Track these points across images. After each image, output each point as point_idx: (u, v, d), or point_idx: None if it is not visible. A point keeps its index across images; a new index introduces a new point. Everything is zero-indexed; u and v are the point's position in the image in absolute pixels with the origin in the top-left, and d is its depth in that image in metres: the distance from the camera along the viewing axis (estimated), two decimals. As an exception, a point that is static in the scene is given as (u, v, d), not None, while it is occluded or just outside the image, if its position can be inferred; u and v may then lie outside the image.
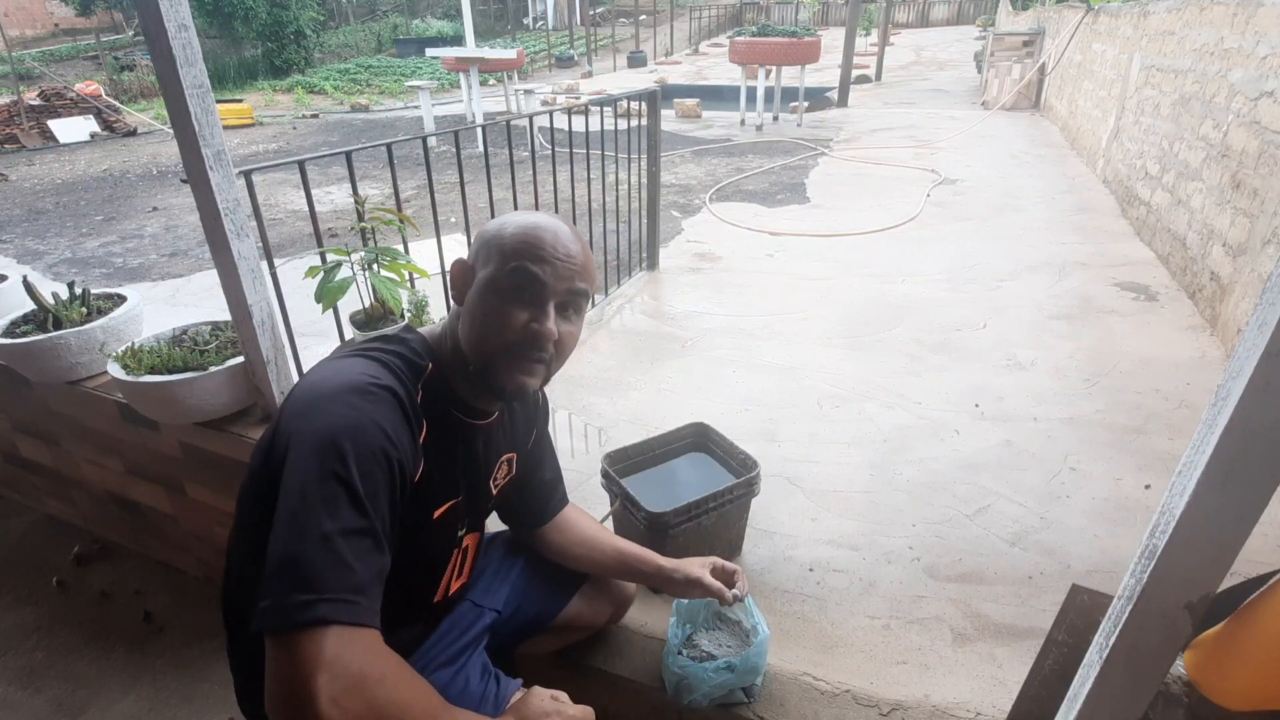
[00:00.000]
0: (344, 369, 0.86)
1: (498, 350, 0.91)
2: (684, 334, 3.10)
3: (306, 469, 0.77)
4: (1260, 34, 2.98)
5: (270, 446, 0.85)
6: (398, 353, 0.92)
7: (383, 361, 0.89)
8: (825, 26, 23.88)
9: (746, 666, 1.22)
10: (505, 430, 1.09)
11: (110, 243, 4.98)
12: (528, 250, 0.91)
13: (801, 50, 8.27)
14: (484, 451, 1.04)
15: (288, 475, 0.78)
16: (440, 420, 0.93)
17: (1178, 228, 3.59)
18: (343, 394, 0.82)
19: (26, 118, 9.18)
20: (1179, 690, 0.92)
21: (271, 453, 0.84)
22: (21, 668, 1.79)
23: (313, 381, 0.86)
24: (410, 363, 0.92)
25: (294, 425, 0.81)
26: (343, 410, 0.80)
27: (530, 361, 0.92)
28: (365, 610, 0.74)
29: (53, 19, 20.99)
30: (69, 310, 1.84)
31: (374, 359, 0.89)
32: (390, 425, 0.82)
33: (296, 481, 0.77)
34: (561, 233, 0.94)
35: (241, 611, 0.97)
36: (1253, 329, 0.57)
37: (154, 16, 1.21)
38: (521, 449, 1.16)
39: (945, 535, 1.86)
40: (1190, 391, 2.51)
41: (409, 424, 0.86)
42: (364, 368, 0.87)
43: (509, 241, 0.92)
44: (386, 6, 24.37)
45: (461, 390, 0.97)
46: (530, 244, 0.91)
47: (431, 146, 7.05)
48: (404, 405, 0.86)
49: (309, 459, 0.77)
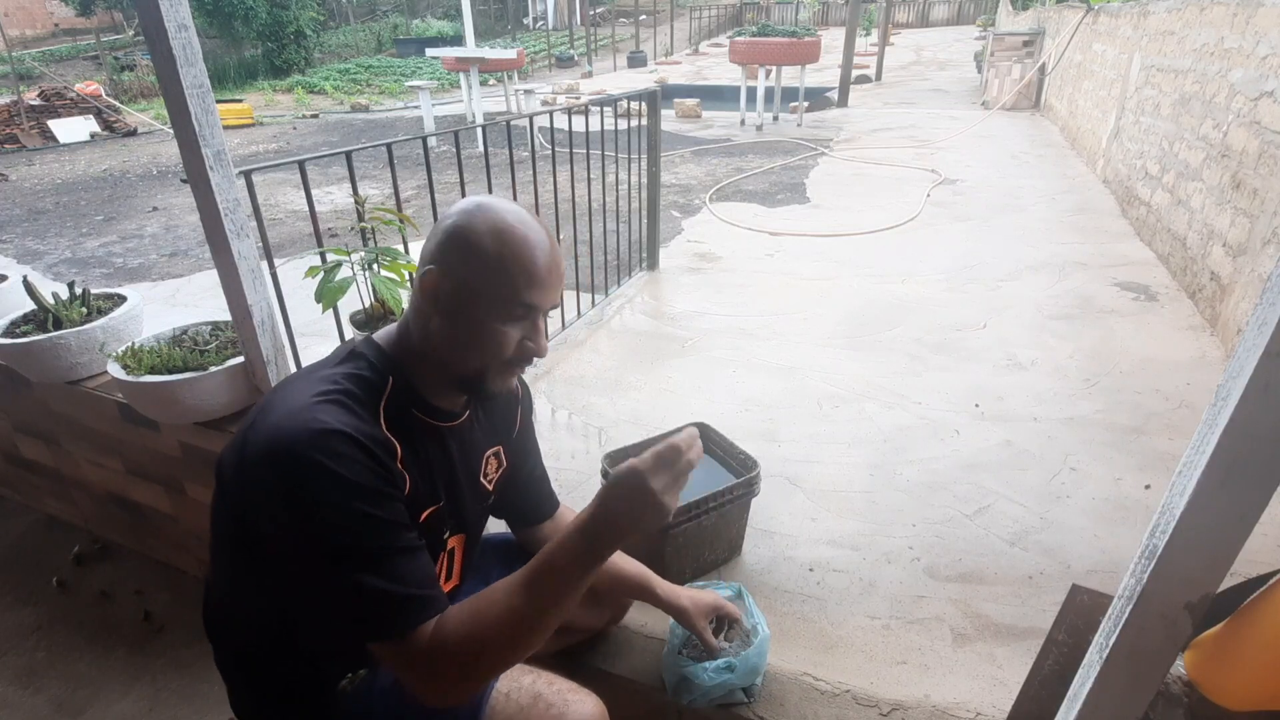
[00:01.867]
0: (297, 416, 0.81)
1: (491, 365, 0.92)
2: (684, 334, 3.10)
3: (315, 548, 0.80)
4: (1260, 34, 2.98)
5: (243, 497, 0.86)
6: (356, 377, 0.89)
7: (338, 397, 0.85)
8: (825, 26, 23.87)
9: (747, 667, 1.22)
10: (481, 425, 1.07)
11: (110, 243, 4.98)
12: (526, 277, 0.88)
13: (801, 50, 8.27)
14: (460, 452, 1.02)
15: (296, 548, 0.81)
16: (410, 433, 0.92)
17: (1178, 228, 3.59)
18: (308, 460, 0.79)
19: (26, 118, 9.18)
20: (1179, 690, 0.92)
21: (247, 505, 0.85)
22: (21, 668, 1.79)
23: (274, 436, 0.81)
24: (368, 385, 0.89)
25: (275, 496, 0.80)
26: (316, 480, 0.79)
27: (519, 370, 0.97)
28: (424, 600, 0.82)
29: (53, 19, 21.00)
30: (69, 310, 1.84)
31: (331, 394, 0.85)
32: (357, 476, 0.81)
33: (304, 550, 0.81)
34: (550, 247, 0.91)
35: (224, 627, 1.02)
36: (1253, 329, 0.57)
37: (154, 16, 1.21)
38: (506, 439, 1.15)
39: (945, 535, 1.86)
40: (1190, 391, 2.51)
41: (373, 458, 0.83)
42: (320, 411, 0.82)
43: (505, 262, 0.87)
44: (386, 6, 24.36)
45: (429, 395, 0.95)
46: (528, 271, 0.88)
47: (431, 146, 7.04)
48: (363, 444, 0.82)
49: (314, 540, 0.79)
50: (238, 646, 1.01)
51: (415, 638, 0.80)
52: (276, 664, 0.98)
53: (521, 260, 0.88)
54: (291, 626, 0.94)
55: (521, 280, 0.88)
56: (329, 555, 0.79)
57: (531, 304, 0.90)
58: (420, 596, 0.82)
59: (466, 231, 0.88)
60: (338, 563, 0.79)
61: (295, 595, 0.89)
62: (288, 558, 0.83)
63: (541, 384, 2.65)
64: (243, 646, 1.00)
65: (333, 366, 0.91)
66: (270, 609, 0.94)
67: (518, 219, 0.90)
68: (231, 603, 0.99)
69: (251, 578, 0.93)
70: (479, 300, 0.88)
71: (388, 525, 0.82)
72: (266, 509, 0.82)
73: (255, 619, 0.96)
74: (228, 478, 0.89)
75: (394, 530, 0.83)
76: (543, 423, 2.38)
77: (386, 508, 0.83)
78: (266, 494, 0.81)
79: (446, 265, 0.89)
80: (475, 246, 0.88)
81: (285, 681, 0.99)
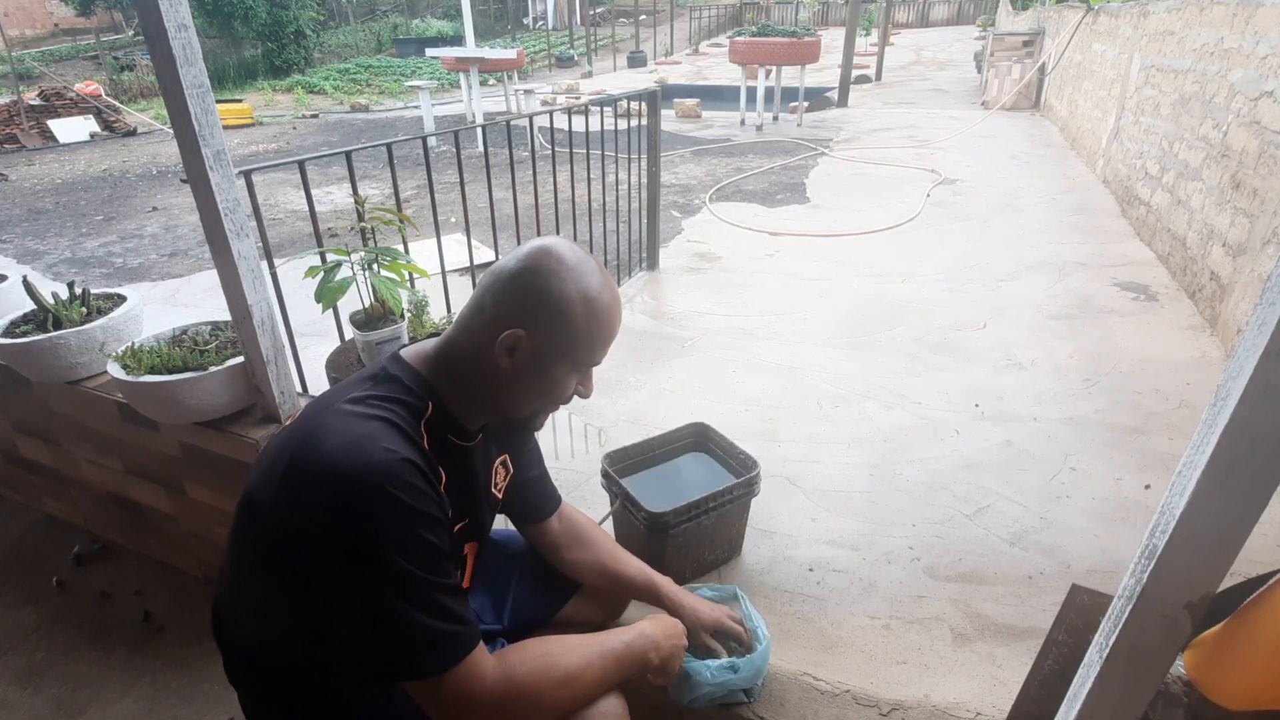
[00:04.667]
0: (361, 445, 0.80)
1: (546, 409, 0.98)
2: (684, 334, 3.10)
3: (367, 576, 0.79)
4: (1260, 34, 2.98)
5: (291, 526, 0.82)
6: (399, 401, 0.88)
7: (393, 423, 0.85)
8: (825, 26, 23.87)
9: (751, 668, 1.22)
10: (490, 435, 1.07)
11: (110, 243, 4.98)
12: (604, 345, 0.95)
13: (801, 50, 8.27)
14: (482, 466, 1.04)
15: (346, 577, 0.80)
16: (449, 458, 0.92)
17: (1178, 228, 3.59)
18: (379, 493, 0.78)
19: (26, 118, 9.18)
20: (1179, 690, 0.92)
21: (294, 536, 0.82)
22: (21, 668, 1.79)
23: (335, 466, 0.79)
24: (412, 409, 0.88)
25: (337, 529, 0.79)
26: (386, 512, 0.79)
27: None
28: (470, 635, 0.85)
29: (53, 19, 21.00)
30: (69, 310, 1.84)
31: (384, 420, 0.84)
32: (424, 506, 0.81)
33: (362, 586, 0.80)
34: (619, 306, 0.96)
35: (243, 643, 0.99)
36: (1253, 329, 0.57)
37: (154, 16, 1.21)
38: (512, 448, 1.16)
39: (945, 535, 1.86)
40: (1190, 391, 2.51)
41: (433, 486, 0.84)
42: (382, 439, 0.82)
43: (592, 333, 0.92)
44: (386, 6, 24.36)
45: (462, 419, 0.95)
46: (607, 340, 0.95)
47: (431, 146, 7.05)
48: (425, 472, 0.83)
49: (368, 567, 0.79)
50: (257, 660, 0.98)
51: (452, 676, 0.82)
52: (299, 678, 0.96)
53: (604, 331, 0.93)
54: (321, 646, 0.91)
55: (600, 348, 0.94)
56: (390, 584, 0.79)
57: (598, 362, 0.96)
58: (464, 634, 0.84)
59: (558, 299, 0.89)
60: (397, 591, 0.79)
61: (336, 621, 0.85)
62: (337, 585, 0.81)
63: (541, 384, 2.65)
64: (263, 661, 0.98)
65: (370, 388, 0.89)
66: (299, 630, 0.91)
67: (602, 284, 0.93)
68: (256, 622, 0.96)
69: (283, 599, 0.89)
70: (559, 363, 0.92)
71: (443, 556, 0.84)
72: (324, 539, 0.79)
73: (282, 638, 0.94)
74: (265, 507, 0.85)
75: (445, 561, 0.84)
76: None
77: (442, 536, 0.84)
78: (328, 524, 0.79)
79: (533, 329, 0.89)
80: (566, 317, 0.89)
81: (306, 693, 0.98)
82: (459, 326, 0.94)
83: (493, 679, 0.85)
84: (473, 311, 0.93)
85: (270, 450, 0.89)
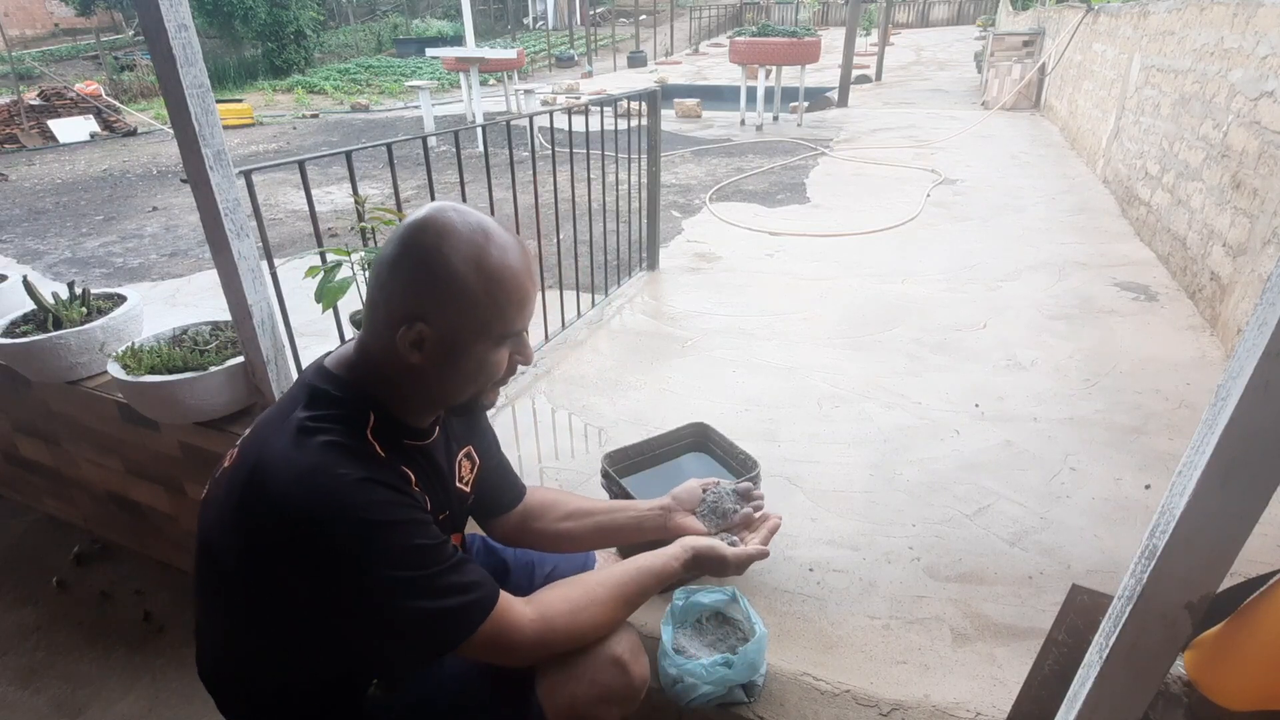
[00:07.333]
0: (310, 479, 0.77)
1: (484, 390, 0.92)
2: (684, 334, 3.10)
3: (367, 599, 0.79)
4: (1260, 34, 2.98)
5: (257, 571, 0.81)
6: (336, 418, 0.83)
7: (337, 444, 0.81)
8: (825, 26, 23.89)
9: (745, 662, 1.22)
10: (446, 429, 1.05)
11: (110, 243, 4.98)
12: (516, 306, 0.85)
13: (801, 50, 8.27)
14: (445, 461, 1.02)
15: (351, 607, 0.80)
16: (410, 460, 0.91)
17: (1178, 228, 3.59)
18: (342, 523, 0.76)
19: (26, 118, 9.17)
20: (1179, 690, 0.92)
21: (266, 581, 0.81)
22: (21, 668, 1.79)
23: (288, 506, 0.76)
24: (351, 424, 0.84)
25: (315, 571, 0.78)
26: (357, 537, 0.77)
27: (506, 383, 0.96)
28: (487, 594, 0.87)
29: (53, 19, 20.99)
30: (69, 310, 1.84)
31: (327, 445, 0.80)
32: (393, 515, 0.81)
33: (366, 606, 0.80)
34: (525, 258, 0.86)
35: (234, 681, 0.96)
36: (1253, 329, 0.57)
37: (154, 16, 1.21)
38: (473, 439, 1.13)
39: (945, 535, 1.86)
40: (1190, 391, 2.51)
41: (401, 491, 0.83)
42: (333, 466, 0.78)
43: (500, 301, 0.83)
44: (386, 6, 24.36)
45: (410, 419, 0.92)
46: (518, 300, 0.85)
47: (431, 146, 7.03)
48: (386, 483, 0.81)
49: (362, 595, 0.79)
50: (255, 693, 0.96)
51: (483, 632, 0.85)
52: (305, 699, 0.95)
53: (513, 295, 0.84)
54: (322, 659, 0.90)
55: (512, 311, 0.85)
56: (392, 594, 0.79)
57: (522, 328, 0.88)
58: (481, 597, 0.86)
59: (448, 277, 0.80)
60: (404, 595, 0.79)
61: (352, 640, 0.85)
62: (344, 614, 0.81)
63: (541, 384, 2.65)
64: (262, 692, 0.95)
65: (304, 411, 0.83)
66: (296, 649, 0.89)
67: (496, 245, 0.83)
68: (243, 653, 0.93)
69: (276, 637, 0.88)
70: (476, 343, 0.84)
71: (436, 548, 0.83)
72: (306, 578, 0.78)
73: (279, 661, 0.91)
74: (226, 555, 0.83)
75: (441, 549, 0.83)
76: (543, 423, 2.38)
77: (429, 532, 0.83)
78: (305, 569, 0.78)
79: (432, 317, 0.81)
80: (464, 294, 0.81)
81: (315, 706, 0.97)
82: (365, 328, 0.88)
83: (527, 618, 0.90)
84: (370, 309, 0.86)
85: (216, 497, 0.85)
